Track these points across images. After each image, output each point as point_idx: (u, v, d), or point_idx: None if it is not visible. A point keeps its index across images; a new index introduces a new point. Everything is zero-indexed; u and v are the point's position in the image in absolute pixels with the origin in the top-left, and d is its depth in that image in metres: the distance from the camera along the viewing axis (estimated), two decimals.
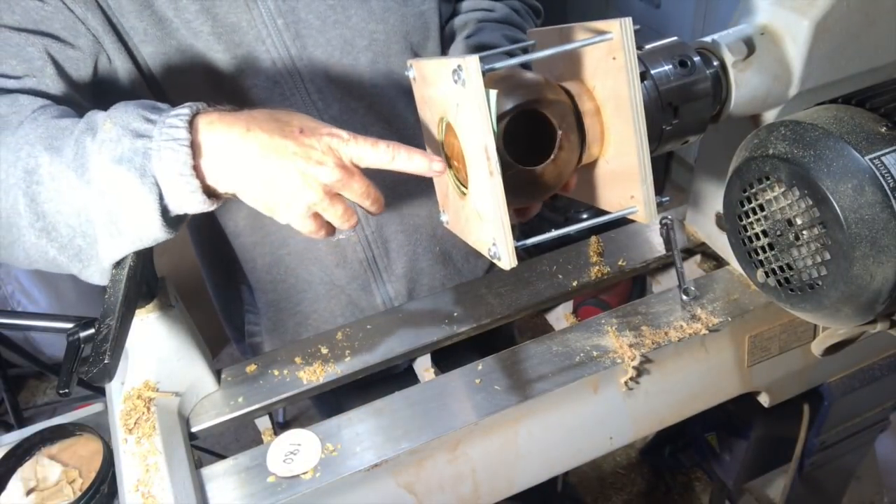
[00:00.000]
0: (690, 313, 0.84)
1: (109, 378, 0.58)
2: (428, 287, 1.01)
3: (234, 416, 0.80)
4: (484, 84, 0.55)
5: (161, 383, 0.75)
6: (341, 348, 0.86)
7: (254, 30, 0.75)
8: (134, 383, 0.74)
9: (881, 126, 0.61)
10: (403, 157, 0.59)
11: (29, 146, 0.57)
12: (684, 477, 1.93)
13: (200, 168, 0.56)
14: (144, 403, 0.72)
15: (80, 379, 0.63)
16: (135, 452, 0.69)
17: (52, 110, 0.62)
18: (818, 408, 1.02)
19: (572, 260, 0.96)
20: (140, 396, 0.73)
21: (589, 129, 0.65)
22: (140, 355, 0.74)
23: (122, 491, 0.67)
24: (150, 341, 0.74)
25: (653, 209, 0.64)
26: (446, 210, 0.72)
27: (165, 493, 0.66)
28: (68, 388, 0.62)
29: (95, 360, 0.57)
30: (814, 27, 0.69)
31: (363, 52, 0.81)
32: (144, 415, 0.72)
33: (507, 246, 0.58)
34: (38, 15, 0.67)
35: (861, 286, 0.59)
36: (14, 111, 0.61)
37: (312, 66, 0.79)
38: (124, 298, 0.60)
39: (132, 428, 0.71)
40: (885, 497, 1.42)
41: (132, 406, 0.72)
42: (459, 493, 0.78)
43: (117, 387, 0.74)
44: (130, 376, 0.75)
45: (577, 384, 0.78)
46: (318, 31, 0.78)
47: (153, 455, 0.69)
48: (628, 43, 0.59)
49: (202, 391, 0.80)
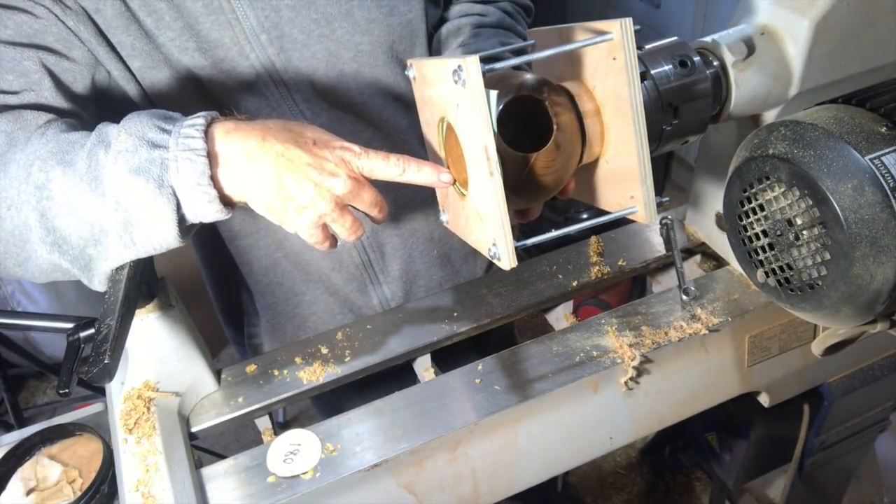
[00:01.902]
0: (690, 313, 0.84)
1: (109, 378, 0.58)
2: (425, 289, 1.01)
3: (234, 416, 0.80)
4: (484, 84, 0.55)
5: (161, 383, 0.75)
6: (341, 348, 0.86)
7: (237, 45, 0.76)
8: (134, 383, 0.74)
9: (881, 126, 0.61)
10: (413, 170, 0.61)
11: (40, 161, 0.58)
12: (684, 477, 1.93)
13: (217, 177, 0.56)
14: (144, 403, 0.73)
15: (81, 379, 0.63)
16: (135, 452, 0.69)
17: (58, 125, 0.63)
18: (818, 408, 1.02)
19: (572, 260, 0.96)
20: (140, 396, 0.73)
21: (589, 129, 0.65)
22: (140, 355, 0.74)
23: (122, 491, 0.67)
24: (150, 341, 0.74)
25: (653, 209, 0.64)
26: (446, 210, 0.72)
27: (165, 494, 0.66)
28: (68, 388, 0.62)
29: (95, 361, 0.58)
30: (814, 27, 0.69)
31: (348, 64, 0.81)
32: (144, 415, 0.72)
33: (507, 246, 0.58)
34: (31, 28, 0.66)
35: (861, 286, 0.59)
36: (19, 127, 0.61)
37: (298, 78, 0.79)
38: (124, 299, 0.60)
39: (132, 428, 0.71)
40: (885, 497, 1.42)
41: (132, 406, 0.72)
42: (459, 493, 0.78)
43: (117, 387, 0.75)
44: (130, 376, 0.75)
45: (577, 384, 0.78)
46: (303, 44, 0.78)
47: (153, 455, 0.69)
48: (628, 43, 0.59)
49: (202, 391, 0.80)
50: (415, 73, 0.66)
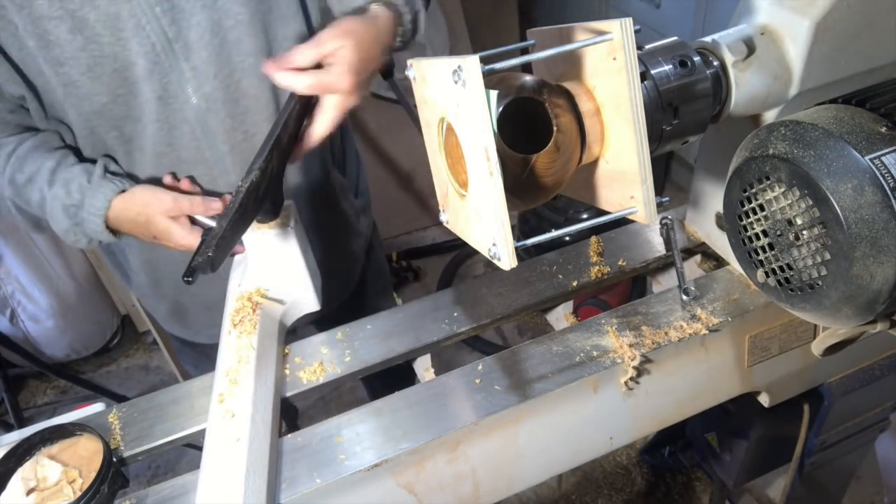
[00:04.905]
0: (690, 313, 0.84)
1: (212, 269, 0.70)
2: None
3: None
4: (484, 84, 0.55)
5: (270, 291, 0.85)
6: (341, 348, 0.86)
7: (133, 18, 0.81)
8: (248, 287, 0.84)
9: (881, 126, 0.61)
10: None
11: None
12: (684, 477, 1.93)
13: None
14: (252, 305, 0.82)
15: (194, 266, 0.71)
16: (233, 344, 0.79)
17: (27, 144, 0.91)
18: (818, 408, 1.02)
19: (572, 260, 0.96)
20: (250, 299, 0.83)
21: (589, 129, 0.65)
22: (256, 264, 0.84)
23: (216, 375, 0.77)
24: (267, 253, 0.83)
25: (653, 209, 0.64)
26: (446, 210, 0.72)
27: (248, 381, 0.75)
28: (190, 277, 0.70)
29: (202, 253, 0.70)
30: (814, 27, 0.69)
31: (230, 32, 0.87)
32: (250, 315, 0.81)
33: (507, 246, 0.58)
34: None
35: (861, 286, 0.59)
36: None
37: (187, 47, 0.85)
38: (239, 206, 0.71)
39: (237, 323, 0.81)
40: (885, 497, 1.42)
41: (242, 305, 0.82)
42: (459, 493, 0.78)
43: (234, 287, 0.86)
44: (246, 280, 0.85)
45: (577, 384, 0.78)
46: (190, 13, 0.84)
47: (247, 350, 0.77)
48: (628, 43, 0.59)
49: (304, 308, 0.88)
50: (415, 74, 0.66)
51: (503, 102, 0.61)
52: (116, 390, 2.16)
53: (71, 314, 2.33)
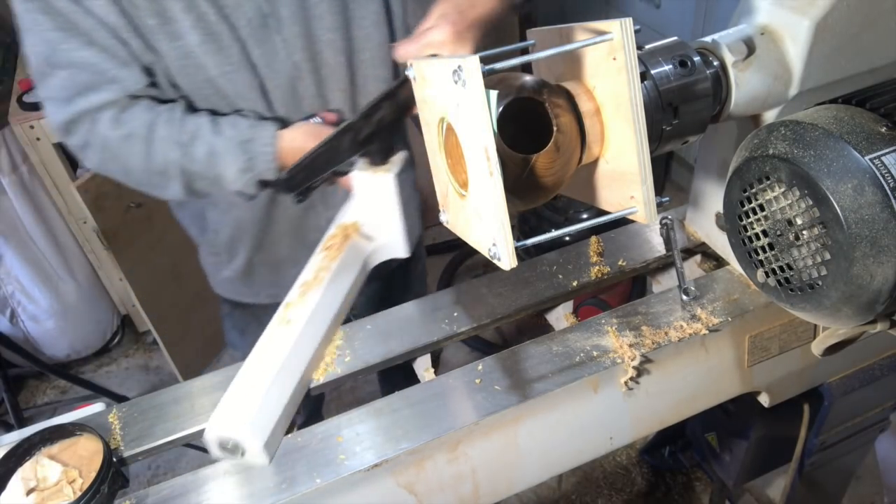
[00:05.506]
0: (690, 313, 0.84)
1: (288, 191, 0.78)
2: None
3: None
4: (484, 84, 0.55)
5: (364, 227, 0.90)
6: (341, 348, 0.86)
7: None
8: (347, 219, 0.89)
9: (881, 126, 0.61)
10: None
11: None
12: (684, 477, 1.93)
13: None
14: (344, 236, 0.88)
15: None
16: (317, 263, 0.84)
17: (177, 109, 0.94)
18: (818, 408, 1.02)
19: (572, 260, 0.96)
20: (345, 230, 0.88)
21: (589, 129, 0.65)
22: (359, 201, 0.89)
23: (295, 285, 0.82)
24: (368, 193, 0.88)
25: (653, 209, 0.64)
26: (446, 210, 0.72)
27: (315, 298, 0.80)
28: (302, 196, 0.81)
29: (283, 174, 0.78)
30: (814, 27, 0.69)
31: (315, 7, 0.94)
32: (339, 244, 0.86)
33: (507, 246, 0.58)
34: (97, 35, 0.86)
35: (861, 286, 0.59)
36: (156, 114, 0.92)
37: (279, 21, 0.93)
38: (326, 143, 0.78)
39: (328, 247, 0.86)
40: (885, 497, 1.42)
41: (336, 233, 0.88)
42: (459, 493, 0.78)
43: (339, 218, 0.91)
44: (348, 213, 0.90)
45: (577, 384, 0.78)
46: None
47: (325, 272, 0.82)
48: (628, 43, 0.59)
49: (392, 251, 0.91)
50: (415, 74, 0.66)
51: (503, 102, 0.61)
52: (116, 390, 2.16)
53: (71, 314, 2.33)
